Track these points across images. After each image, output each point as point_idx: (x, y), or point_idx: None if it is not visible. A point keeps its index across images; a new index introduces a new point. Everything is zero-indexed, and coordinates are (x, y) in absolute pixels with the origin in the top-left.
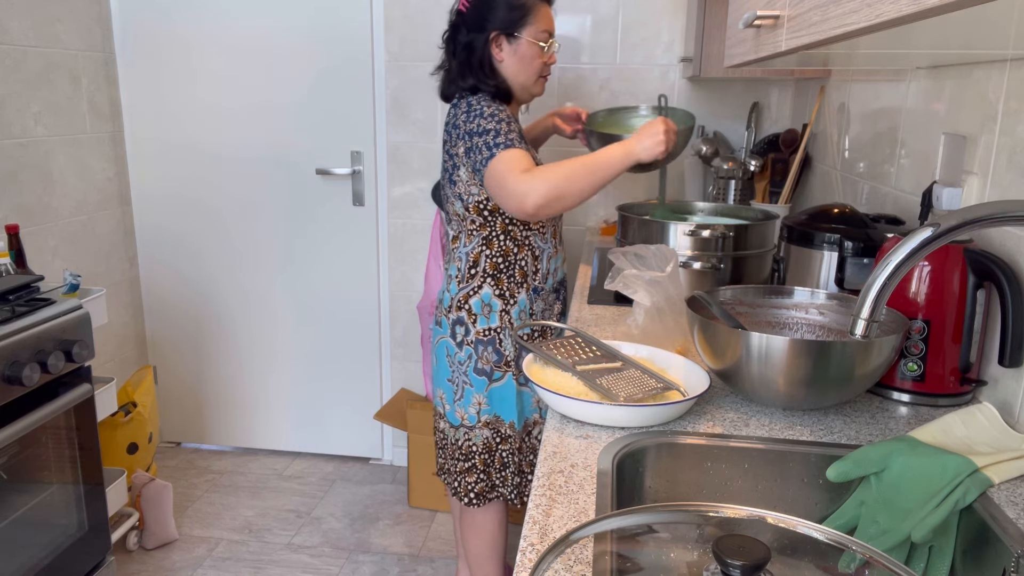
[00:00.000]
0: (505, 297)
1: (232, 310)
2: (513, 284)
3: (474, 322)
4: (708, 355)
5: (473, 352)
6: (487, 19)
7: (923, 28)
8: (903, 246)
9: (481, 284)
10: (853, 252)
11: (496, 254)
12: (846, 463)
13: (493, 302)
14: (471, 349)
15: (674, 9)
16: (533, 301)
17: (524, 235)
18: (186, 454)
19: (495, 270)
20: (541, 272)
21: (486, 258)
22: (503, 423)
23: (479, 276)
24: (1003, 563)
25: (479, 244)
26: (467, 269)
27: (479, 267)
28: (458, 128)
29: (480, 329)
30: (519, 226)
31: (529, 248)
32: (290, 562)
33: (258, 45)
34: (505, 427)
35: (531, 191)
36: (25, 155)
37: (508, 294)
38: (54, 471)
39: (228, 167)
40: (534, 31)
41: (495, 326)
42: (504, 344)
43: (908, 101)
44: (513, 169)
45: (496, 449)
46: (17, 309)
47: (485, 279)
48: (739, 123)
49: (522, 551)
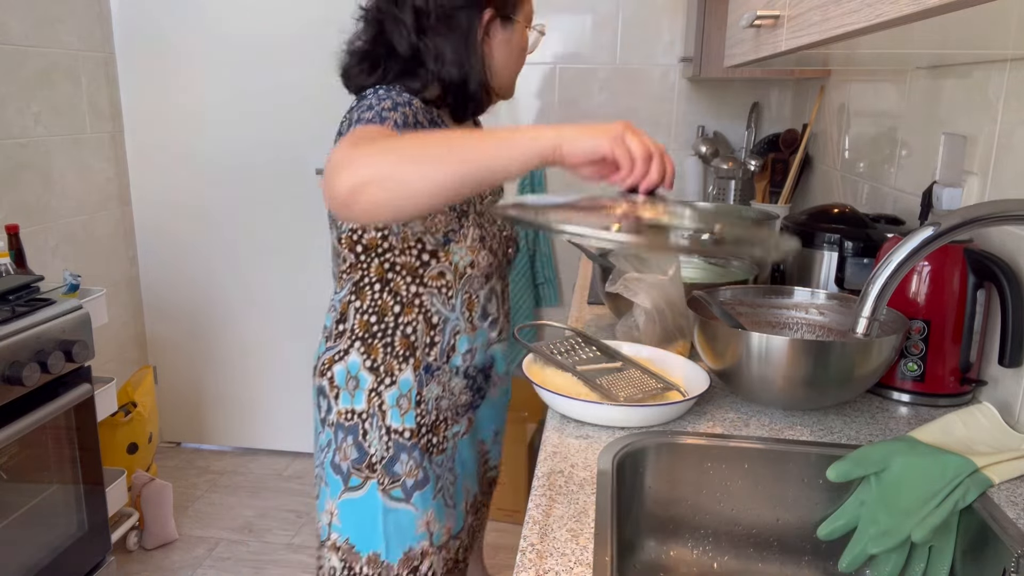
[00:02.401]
0: (378, 372)
1: (232, 310)
2: (390, 356)
3: (336, 397)
4: (708, 355)
5: (332, 438)
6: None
7: (923, 28)
8: (904, 245)
9: (348, 348)
10: (853, 252)
11: (368, 310)
12: (846, 463)
13: (361, 376)
14: (331, 432)
15: (674, 9)
16: (424, 384)
17: (411, 292)
18: (186, 454)
19: (366, 332)
20: (440, 347)
21: (356, 312)
22: (357, 555)
23: (346, 337)
24: (1003, 563)
25: (349, 292)
26: (334, 324)
27: (347, 323)
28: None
29: (342, 410)
30: (404, 276)
31: (420, 312)
32: (290, 562)
33: (258, 45)
34: (361, 562)
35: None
36: (25, 155)
37: (383, 369)
38: (54, 471)
39: (228, 167)
40: (527, 12)
41: (360, 409)
42: (369, 439)
43: (908, 101)
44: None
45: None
46: (17, 309)
47: (353, 343)
48: (739, 123)
49: (522, 551)
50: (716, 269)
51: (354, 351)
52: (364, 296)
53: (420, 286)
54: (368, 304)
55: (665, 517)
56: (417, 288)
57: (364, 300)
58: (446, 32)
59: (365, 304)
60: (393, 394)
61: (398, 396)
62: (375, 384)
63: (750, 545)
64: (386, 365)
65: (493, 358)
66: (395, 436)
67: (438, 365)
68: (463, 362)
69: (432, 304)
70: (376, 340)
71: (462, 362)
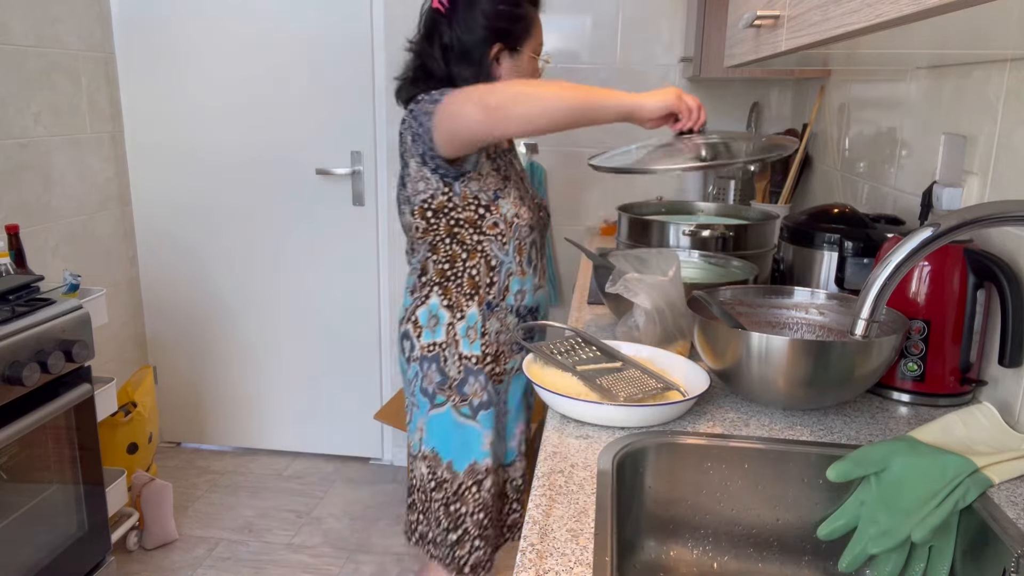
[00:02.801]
0: (453, 309)
1: (232, 310)
2: (461, 295)
3: (419, 336)
4: (708, 355)
5: (419, 369)
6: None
7: (923, 28)
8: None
9: (429, 293)
10: (853, 252)
11: (442, 259)
12: (846, 463)
13: (440, 313)
14: (417, 366)
15: (674, 9)
16: (486, 318)
17: (475, 240)
18: (186, 454)
19: (442, 277)
20: (498, 286)
21: (433, 264)
22: (439, 462)
23: (427, 284)
24: (1003, 563)
25: (426, 251)
26: (417, 279)
27: (427, 274)
28: (404, 121)
29: (424, 344)
30: (467, 228)
31: (482, 256)
32: (290, 562)
33: (258, 45)
34: (441, 468)
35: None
36: (25, 155)
37: (456, 305)
38: (54, 471)
39: (228, 167)
40: (534, 44)
41: (440, 340)
42: (448, 364)
43: (908, 101)
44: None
45: (429, 496)
46: (17, 309)
47: (432, 287)
48: (739, 123)
49: (522, 551)
50: (716, 269)
51: (433, 294)
52: (438, 250)
53: (480, 234)
54: (442, 255)
55: (665, 517)
56: (479, 236)
57: (438, 253)
58: (466, 63)
59: (439, 256)
60: (463, 326)
61: (467, 328)
62: (451, 319)
63: (750, 545)
64: (457, 302)
65: (538, 303)
66: (465, 361)
67: (496, 303)
68: (515, 301)
69: (491, 249)
70: (450, 282)
71: (515, 301)
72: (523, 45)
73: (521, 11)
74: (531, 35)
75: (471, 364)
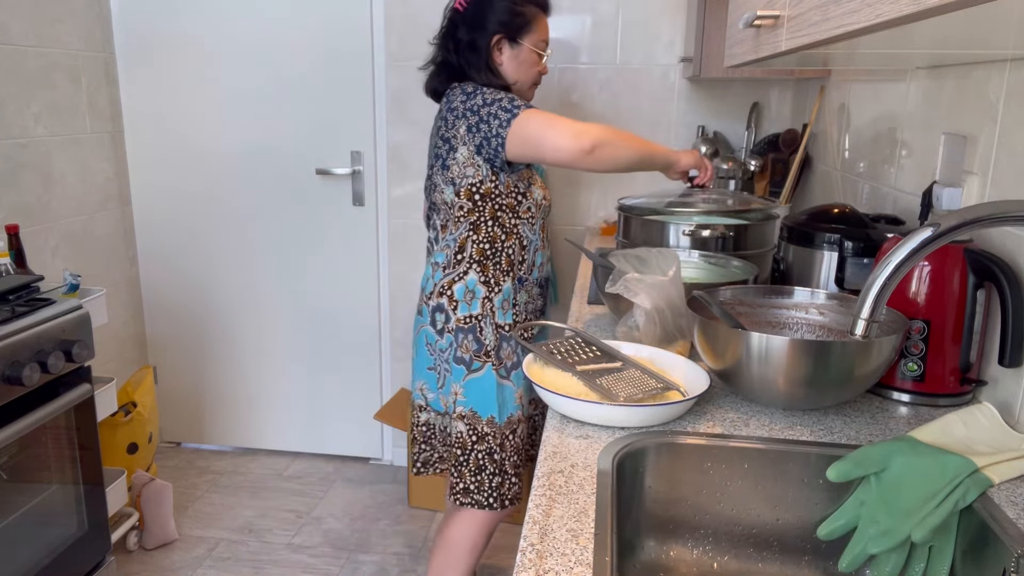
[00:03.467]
0: (490, 284)
1: (232, 310)
2: (499, 271)
3: (455, 309)
4: (708, 355)
5: (454, 340)
6: (489, 20)
7: (923, 28)
8: (903, 246)
9: (467, 270)
10: (853, 252)
11: (483, 240)
12: (846, 463)
13: (477, 289)
14: (452, 337)
15: (674, 9)
16: (517, 291)
17: (513, 223)
18: (186, 454)
19: (482, 256)
20: (527, 263)
21: (473, 243)
22: (479, 419)
23: (465, 262)
24: (1003, 563)
25: (467, 230)
26: (453, 255)
27: (466, 252)
28: (455, 109)
29: (461, 316)
30: (508, 213)
31: (517, 237)
32: (290, 562)
33: (258, 45)
34: (482, 424)
35: (587, 129)
36: (25, 155)
37: (493, 281)
38: (54, 471)
39: (228, 167)
40: (535, 39)
41: (476, 313)
42: (485, 333)
43: (908, 101)
44: (554, 117)
45: (471, 449)
46: (17, 309)
47: (471, 265)
48: (739, 123)
49: (522, 551)
50: (716, 269)
51: (472, 271)
52: (480, 231)
53: (517, 219)
54: (483, 236)
55: (665, 517)
56: (516, 220)
57: (480, 233)
58: (473, 51)
59: (481, 236)
60: (499, 299)
61: (502, 300)
62: (487, 293)
63: (750, 545)
64: (495, 278)
65: (547, 276)
66: (500, 330)
67: (525, 277)
68: (538, 274)
69: (524, 231)
70: (488, 261)
71: (538, 274)
72: (522, 38)
73: (522, 8)
74: (531, 31)
75: (505, 331)
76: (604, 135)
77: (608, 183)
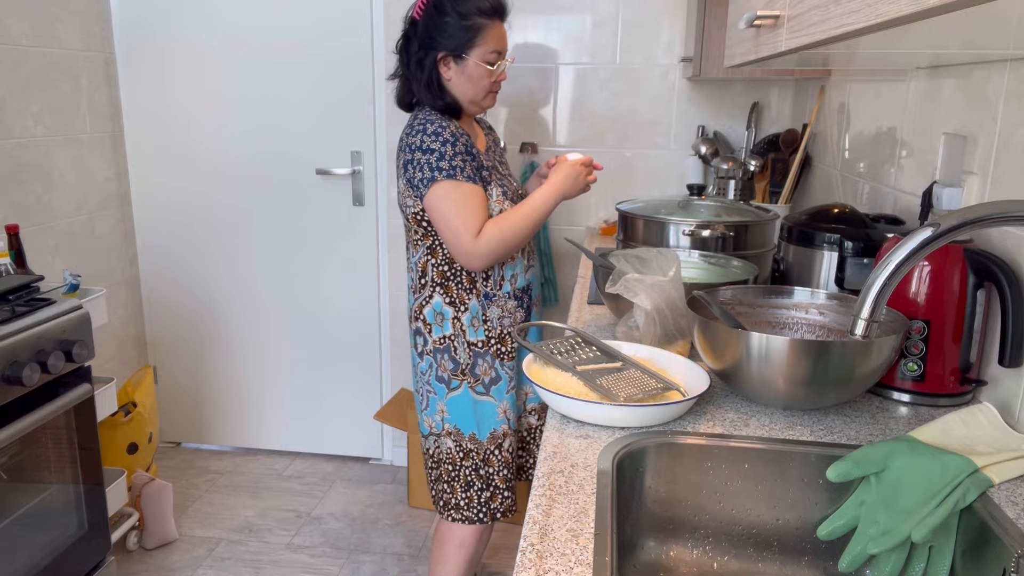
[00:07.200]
0: (455, 304)
1: (232, 310)
2: (462, 291)
3: (429, 332)
4: (708, 355)
5: (433, 361)
6: (435, 39)
7: (923, 28)
8: (903, 246)
9: (432, 293)
10: (853, 252)
11: (441, 262)
12: (846, 463)
13: (444, 310)
14: (431, 358)
15: (674, 9)
16: (486, 308)
17: None
18: (186, 454)
19: (442, 278)
20: (493, 278)
21: (432, 267)
22: (463, 436)
23: (429, 285)
24: (1003, 563)
25: (424, 253)
26: (418, 279)
27: (427, 276)
28: (401, 140)
29: (436, 338)
30: None
31: None
32: (290, 562)
33: (258, 45)
34: (465, 440)
35: (474, 249)
36: (25, 155)
37: (458, 300)
38: (54, 471)
39: (228, 167)
40: (482, 52)
41: (448, 334)
42: (458, 352)
43: (908, 101)
44: (454, 219)
45: (460, 465)
46: (17, 309)
47: (435, 288)
48: (739, 123)
49: (522, 551)
50: (716, 269)
51: (436, 294)
52: (436, 254)
53: None
54: (440, 258)
55: (665, 517)
56: None
57: (437, 256)
58: (419, 68)
59: (439, 259)
60: (467, 317)
61: (471, 318)
62: (455, 313)
63: (750, 545)
64: (459, 298)
65: (530, 281)
66: (473, 347)
67: (494, 292)
68: (511, 286)
69: None
70: (450, 282)
71: (510, 287)
72: (467, 53)
73: (468, 22)
74: (478, 44)
75: (478, 348)
76: (491, 247)
77: (608, 184)
